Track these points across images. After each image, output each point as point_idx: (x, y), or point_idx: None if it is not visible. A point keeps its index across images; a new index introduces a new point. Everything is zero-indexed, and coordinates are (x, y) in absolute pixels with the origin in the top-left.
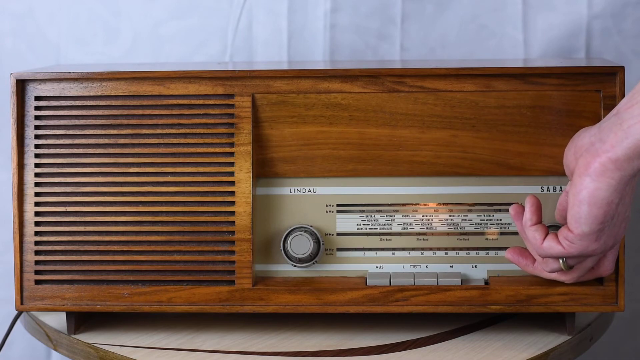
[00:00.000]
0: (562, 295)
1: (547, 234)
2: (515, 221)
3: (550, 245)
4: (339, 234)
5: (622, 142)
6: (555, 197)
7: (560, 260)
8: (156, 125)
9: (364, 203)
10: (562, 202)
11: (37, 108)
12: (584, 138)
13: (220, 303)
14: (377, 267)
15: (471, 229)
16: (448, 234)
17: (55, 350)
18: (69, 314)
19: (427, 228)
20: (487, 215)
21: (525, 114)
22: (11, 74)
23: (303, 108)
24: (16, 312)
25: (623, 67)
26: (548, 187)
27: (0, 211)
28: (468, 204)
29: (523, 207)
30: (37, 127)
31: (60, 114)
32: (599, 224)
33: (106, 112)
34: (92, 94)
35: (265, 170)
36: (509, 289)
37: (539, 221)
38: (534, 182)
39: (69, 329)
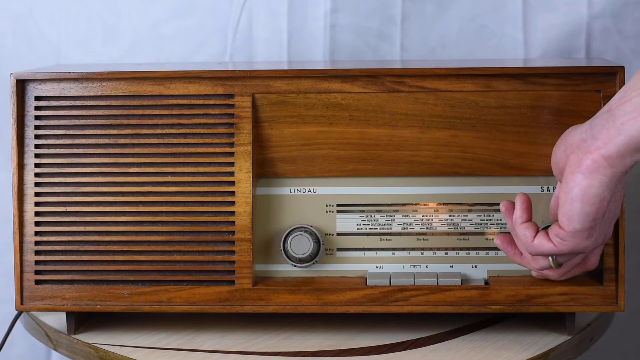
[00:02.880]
0: (562, 295)
1: (537, 232)
2: (505, 218)
3: (541, 242)
4: (339, 234)
5: (615, 139)
6: None
7: (550, 258)
8: (156, 125)
9: (364, 203)
10: (553, 206)
11: (37, 108)
12: (575, 135)
13: (220, 303)
14: (377, 267)
15: (471, 229)
16: (448, 234)
17: (55, 350)
18: (69, 314)
19: (427, 228)
20: (487, 215)
21: (525, 114)
22: (11, 74)
23: (303, 108)
24: (16, 312)
25: (623, 67)
26: (548, 187)
27: (0, 211)
28: (468, 204)
29: (513, 204)
30: (37, 127)
31: (60, 114)
32: (591, 221)
33: (106, 112)
34: (92, 94)
35: (265, 170)
36: (509, 289)
37: (529, 219)
38: (533, 182)
39: (69, 329)
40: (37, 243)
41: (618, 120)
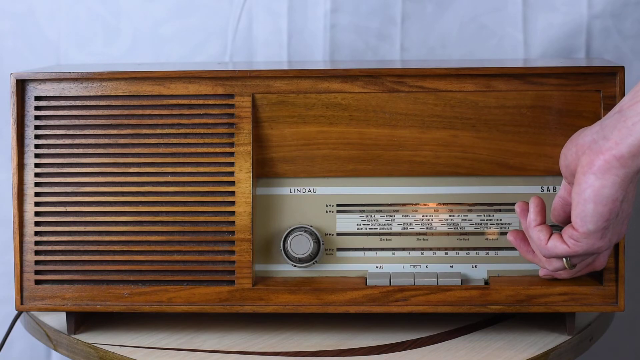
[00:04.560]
0: (562, 295)
1: (551, 234)
2: (520, 218)
3: (555, 245)
4: (339, 234)
5: (626, 139)
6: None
7: (564, 259)
8: (156, 125)
9: (364, 203)
10: (556, 207)
11: (37, 108)
12: (586, 136)
13: (220, 303)
14: (377, 267)
15: (471, 229)
16: (448, 234)
17: (55, 350)
18: (69, 314)
19: (427, 228)
20: (487, 215)
21: (525, 114)
22: (11, 74)
23: (303, 108)
24: (16, 312)
25: (623, 67)
26: (548, 187)
27: (0, 211)
28: (468, 204)
29: (528, 205)
30: (37, 127)
31: (60, 114)
32: (605, 222)
33: (106, 112)
34: (92, 94)
35: (265, 170)
36: (509, 289)
37: (543, 222)
38: (534, 182)
39: (69, 329)
40: (37, 243)
41: (629, 121)
